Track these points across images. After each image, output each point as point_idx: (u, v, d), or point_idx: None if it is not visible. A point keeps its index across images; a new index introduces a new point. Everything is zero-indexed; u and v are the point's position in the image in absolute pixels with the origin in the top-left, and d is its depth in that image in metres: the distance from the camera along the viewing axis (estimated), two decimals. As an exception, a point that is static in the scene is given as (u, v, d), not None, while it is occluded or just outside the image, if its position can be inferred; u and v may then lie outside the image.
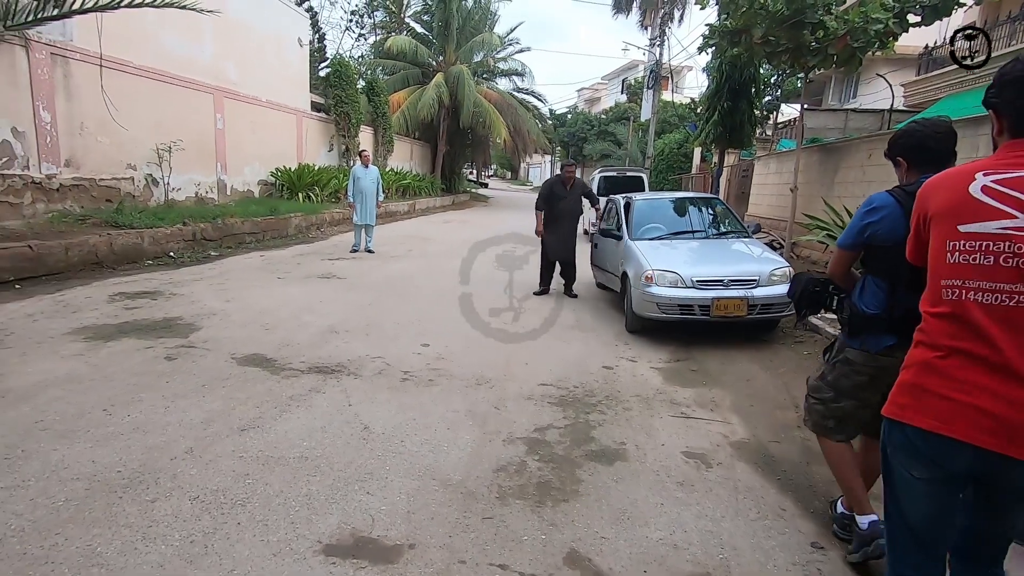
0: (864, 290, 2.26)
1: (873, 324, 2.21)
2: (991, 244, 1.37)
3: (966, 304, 1.39)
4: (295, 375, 4.05)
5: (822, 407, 2.45)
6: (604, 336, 5.67)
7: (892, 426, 1.55)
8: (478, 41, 24.91)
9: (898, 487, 1.58)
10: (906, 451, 1.52)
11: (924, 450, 1.47)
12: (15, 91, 7.66)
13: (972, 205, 1.41)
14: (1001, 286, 1.35)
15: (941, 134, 2.12)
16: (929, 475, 1.49)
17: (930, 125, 2.17)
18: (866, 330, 2.24)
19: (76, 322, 4.95)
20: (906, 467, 1.53)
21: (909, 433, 1.49)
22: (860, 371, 2.30)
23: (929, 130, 2.14)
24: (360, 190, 9.95)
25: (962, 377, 1.38)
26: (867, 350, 2.26)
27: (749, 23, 8.36)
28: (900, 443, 1.53)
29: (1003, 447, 1.33)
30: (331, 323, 5.46)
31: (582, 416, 3.67)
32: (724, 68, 10.83)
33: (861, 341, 2.27)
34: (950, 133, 2.13)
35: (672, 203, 7.11)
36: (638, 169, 15.24)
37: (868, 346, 2.25)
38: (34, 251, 6.26)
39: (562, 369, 4.58)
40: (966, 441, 1.37)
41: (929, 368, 1.45)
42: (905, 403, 1.50)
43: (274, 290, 6.73)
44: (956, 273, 1.42)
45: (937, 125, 2.16)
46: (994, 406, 1.34)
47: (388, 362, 4.46)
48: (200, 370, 4.03)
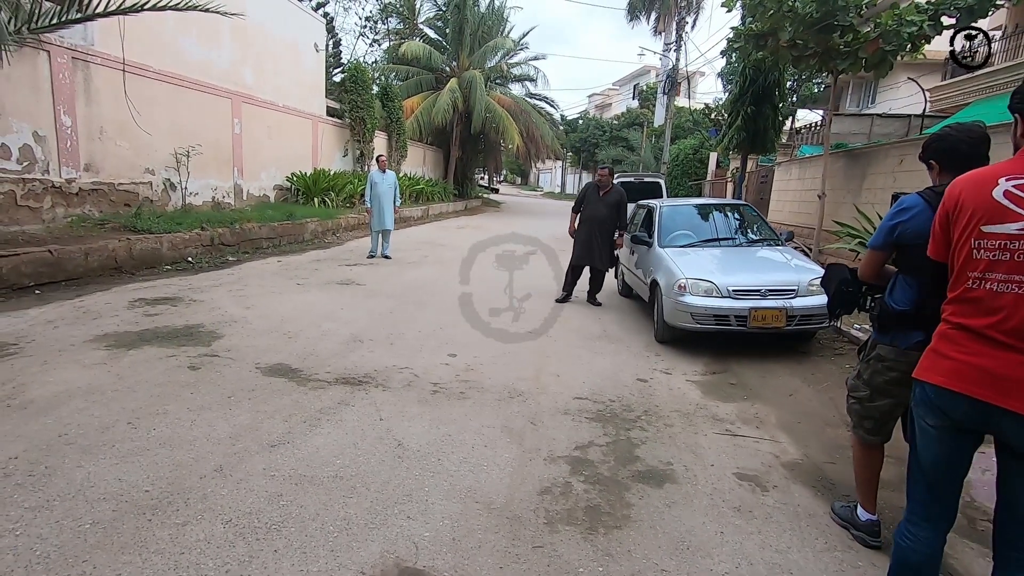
0: (895, 288, 2.33)
1: (902, 320, 2.27)
2: (1009, 242, 1.60)
3: (986, 292, 1.64)
4: (322, 387, 3.92)
5: (859, 406, 2.51)
6: (634, 346, 5.50)
7: (915, 384, 1.84)
8: (491, 46, 24.88)
9: (917, 435, 1.88)
10: (924, 404, 1.81)
11: (936, 402, 1.76)
12: (36, 95, 7.65)
13: (995, 208, 1.62)
14: (1015, 277, 1.60)
15: (974, 139, 2.17)
16: (940, 423, 1.78)
17: (963, 130, 2.22)
18: (895, 327, 2.31)
19: (97, 329, 4.86)
20: (923, 417, 1.83)
21: (926, 389, 1.78)
22: (891, 367, 2.35)
23: (962, 135, 2.19)
24: (377, 195, 9.85)
25: (966, 344, 1.67)
26: (896, 346, 2.32)
27: (776, 26, 8.19)
28: (920, 398, 1.83)
29: (992, 397, 1.61)
30: (353, 332, 5.33)
31: (623, 433, 3.50)
32: (748, 72, 10.65)
33: (891, 337, 2.34)
34: (983, 138, 2.18)
35: (701, 209, 6.92)
36: (655, 175, 15.06)
37: (898, 342, 2.31)
38: (54, 256, 6.19)
39: (595, 381, 4.41)
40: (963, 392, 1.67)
41: (943, 336, 1.75)
42: (925, 365, 1.80)
43: (294, 297, 6.62)
44: (981, 267, 1.65)
45: (970, 130, 2.20)
46: (987, 364, 1.62)
47: (416, 373, 4.32)
48: (225, 380, 3.90)
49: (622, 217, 7.25)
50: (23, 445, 2.85)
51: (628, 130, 34.53)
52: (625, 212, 7.27)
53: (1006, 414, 1.60)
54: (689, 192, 22.03)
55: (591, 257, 7.29)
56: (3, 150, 7.22)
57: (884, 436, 2.49)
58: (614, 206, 7.20)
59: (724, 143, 11.59)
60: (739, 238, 6.36)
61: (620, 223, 7.24)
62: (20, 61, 7.32)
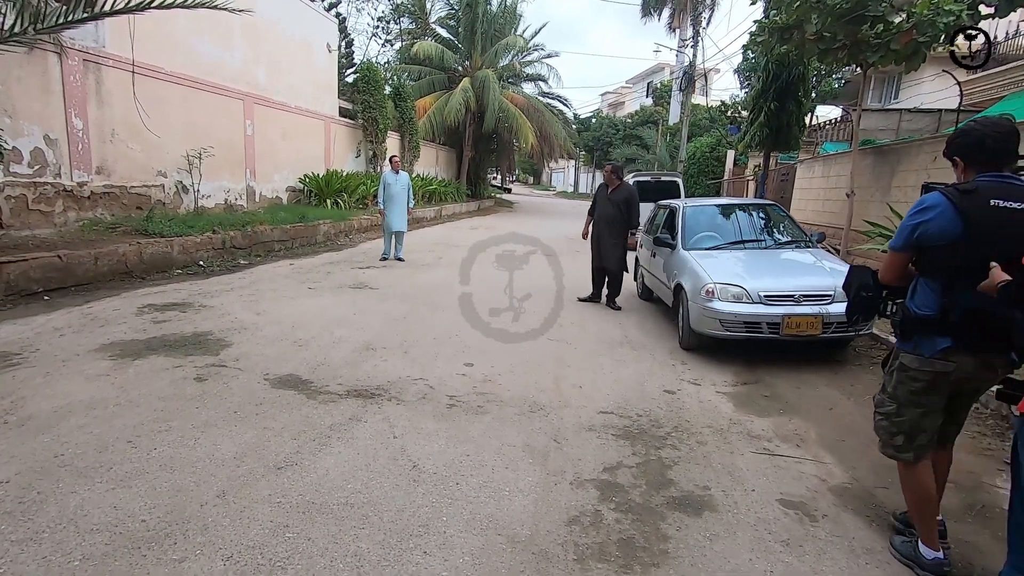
0: (916, 292, 2.19)
1: (925, 326, 2.12)
2: None
3: None
4: (333, 400, 3.72)
5: (887, 422, 2.35)
6: (658, 354, 5.24)
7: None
8: (504, 45, 24.65)
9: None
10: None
11: None
12: (48, 98, 7.58)
13: None
14: None
15: (1001, 133, 2.04)
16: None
17: (990, 124, 2.08)
18: (918, 333, 2.15)
19: (103, 337, 4.71)
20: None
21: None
22: (915, 377, 2.19)
23: (988, 129, 2.06)
24: (391, 196, 9.66)
25: None
26: (920, 354, 2.16)
27: (802, 18, 7.87)
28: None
29: None
30: (366, 339, 5.14)
31: (653, 452, 3.25)
32: (771, 67, 10.30)
33: (914, 344, 2.18)
34: (1011, 132, 2.05)
35: (726, 209, 6.63)
36: (673, 174, 14.73)
37: (922, 349, 2.15)
38: (63, 261, 6.09)
39: (619, 393, 4.17)
40: None
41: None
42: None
43: (305, 301, 6.46)
44: None
45: (997, 124, 2.07)
46: None
47: (431, 385, 4.11)
48: (231, 393, 3.72)
49: (632, 216, 6.95)
50: (16, 467, 2.68)
51: (642, 128, 34.08)
52: (636, 210, 6.96)
53: None
54: (706, 191, 21.63)
55: (600, 258, 7.10)
56: (14, 154, 7.14)
57: (918, 452, 2.27)
58: (622, 204, 6.94)
59: (746, 140, 11.25)
60: (767, 240, 6.07)
61: (631, 222, 6.95)
62: (31, 63, 7.25)
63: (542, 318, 6.27)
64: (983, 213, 1.97)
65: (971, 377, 2.16)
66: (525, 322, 6.07)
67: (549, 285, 8.06)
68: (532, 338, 5.49)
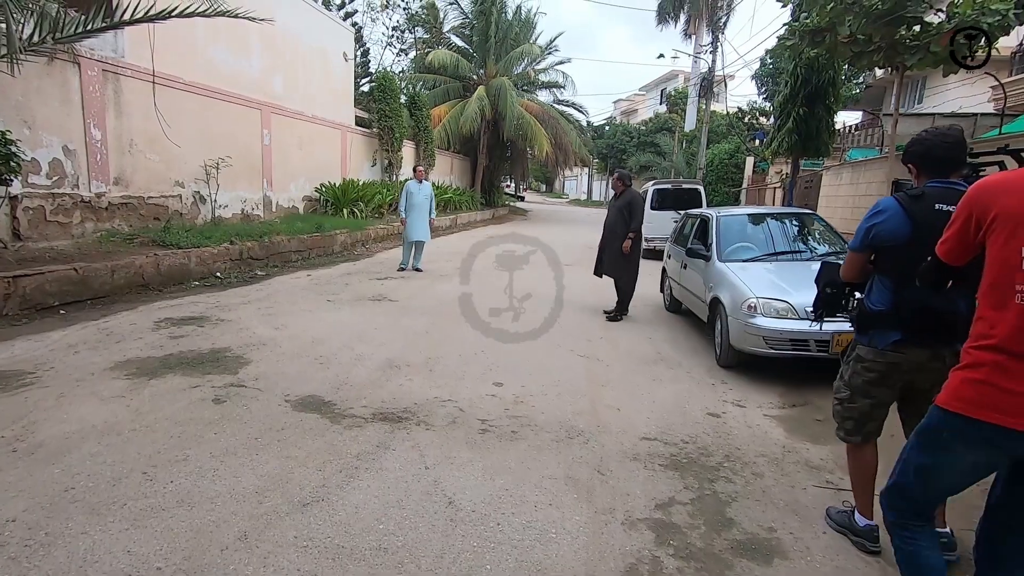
0: (872, 289, 2.34)
1: (879, 321, 2.26)
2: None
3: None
4: (358, 424, 3.50)
5: (840, 407, 2.51)
6: (695, 372, 4.97)
7: (956, 418, 1.60)
8: (519, 53, 24.57)
9: (939, 467, 1.71)
10: (971, 441, 1.61)
11: (995, 441, 1.56)
12: (67, 108, 7.51)
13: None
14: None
15: (949, 143, 2.16)
16: (985, 460, 1.64)
17: (939, 134, 2.19)
18: (873, 327, 2.29)
19: (119, 354, 4.55)
20: (963, 454, 1.65)
21: (979, 428, 1.56)
22: (870, 368, 2.34)
23: (938, 139, 2.18)
24: (413, 206, 9.49)
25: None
26: (874, 346, 2.31)
27: (835, 20, 7.61)
28: (966, 434, 1.60)
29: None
30: (389, 356, 4.92)
31: (707, 485, 2.99)
32: (799, 71, 10.00)
33: (869, 337, 2.33)
34: (957, 142, 2.17)
35: (762, 219, 6.35)
36: (694, 181, 14.45)
37: (875, 342, 2.30)
38: (79, 274, 5.96)
39: (661, 416, 3.91)
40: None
41: (1001, 368, 1.52)
42: (977, 400, 1.56)
43: (324, 315, 6.27)
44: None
45: (946, 135, 2.19)
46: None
47: (460, 407, 3.87)
48: (251, 417, 3.52)
49: (634, 218, 6.64)
50: (24, 503, 2.49)
51: (659, 135, 33.81)
52: (637, 213, 6.65)
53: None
54: (724, 199, 21.27)
55: (601, 266, 6.96)
56: (33, 164, 7.07)
57: (864, 437, 2.46)
58: (623, 208, 6.72)
59: (773, 147, 10.94)
60: (806, 250, 5.78)
61: (632, 225, 6.65)
62: (50, 74, 7.19)
63: (568, 332, 6.03)
64: (929, 216, 2.10)
65: (921, 368, 2.28)
66: (552, 335, 5.83)
67: (570, 296, 7.82)
68: (562, 357, 5.24)
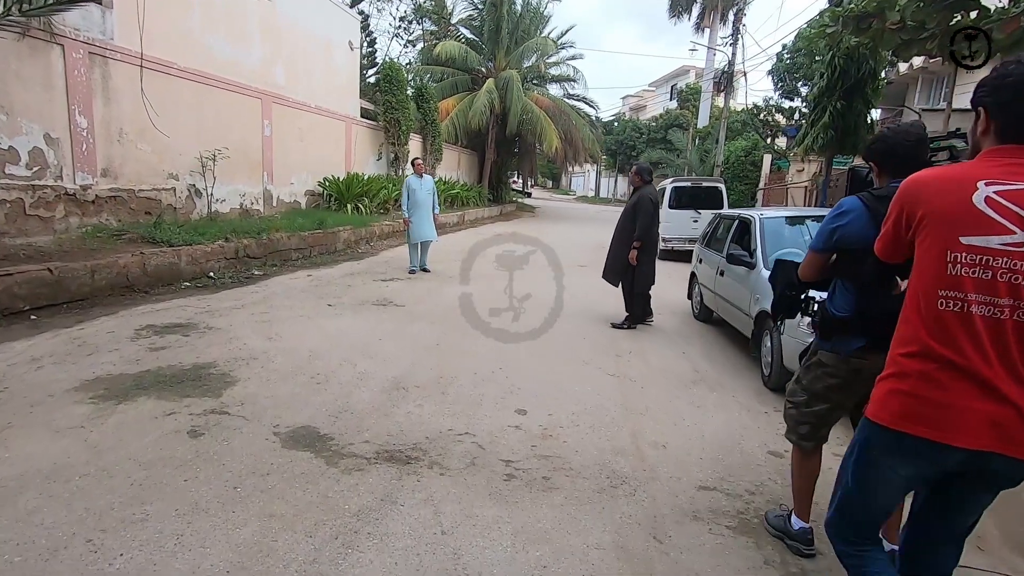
0: (834, 293, 2.24)
1: (843, 327, 2.18)
2: (991, 259, 1.36)
3: (966, 316, 1.38)
4: (359, 467, 2.92)
5: (796, 411, 2.44)
6: (741, 396, 4.38)
7: (885, 432, 1.51)
8: (530, 45, 23.89)
9: (873, 483, 1.61)
10: (900, 455, 1.52)
11: (925, 455, 1.47)
12: (49, 94, 6.93)
13: (974, 216, 1.38)
14: (997, 300, 1.36)
15: (911, 142, 2.10)
16: (916, 474, 1.55)
17: (900, 132, 2.14)
18: (836, 333, 2.21)
19: (88, 370, 3.98)
20: (893, 468, 1.56)
21: (909, 441, 1.47)
22: (832, 374, 2.27)
23: (899, 137, 2.12)
24: (416, 203, 8.80)
25: (959, 388, 1.39)
26: (838, 352, 2.22)
27: (884, 4, 6.96)
28: (895, 448, 1.51)
29: (1003, 448, 1.37)
30: (395, 374, 4.34)
31: (792, 561, 2.40)
32: (837, 62, 9.32)
33: (832, 344, 2.24)
34: (920, 141, 2.10)
35: (808, 222, 5.73)
36: (714, 179, 13.81)
37: (839, 348, 2.22)
38: (54, 275, 5.40)
39: (715, 456, 3.32)
40: (969, 448, 1.39)
41: (927, 379, 1.43)
42: (905, 412, 1.46)
43: (324, 322, 5.70)
44: (958, 285, 1.39)
45: (907, 133, 2.13)
46: (991, 412, 1.36)
47: (480, 443, 3.29)
48: (232, 456, 2.94)
49: (638, 221, 5.97)
50: (-75, 589, 1.93)
51: (672, 131, 33.11)
52: (641, 217, 5.93)
53: (1006, 459, 1.39)
54: (741, 197, 20.57)
55: (605, 271, 6.41)
56: (10, 154, 6.50)
57: (818, 441, 2.42)
58: (629, 211, 6.10)
59: (806, 143, 10.28)
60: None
61: (636, 231, 5.98)
62: (32, 56, 6.61)
63: (593, 344, 5.44)
64: None
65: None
66: (575, 348, 5.24)
67: (589, 302, 7.22)
68: (590, 376, 4.66)
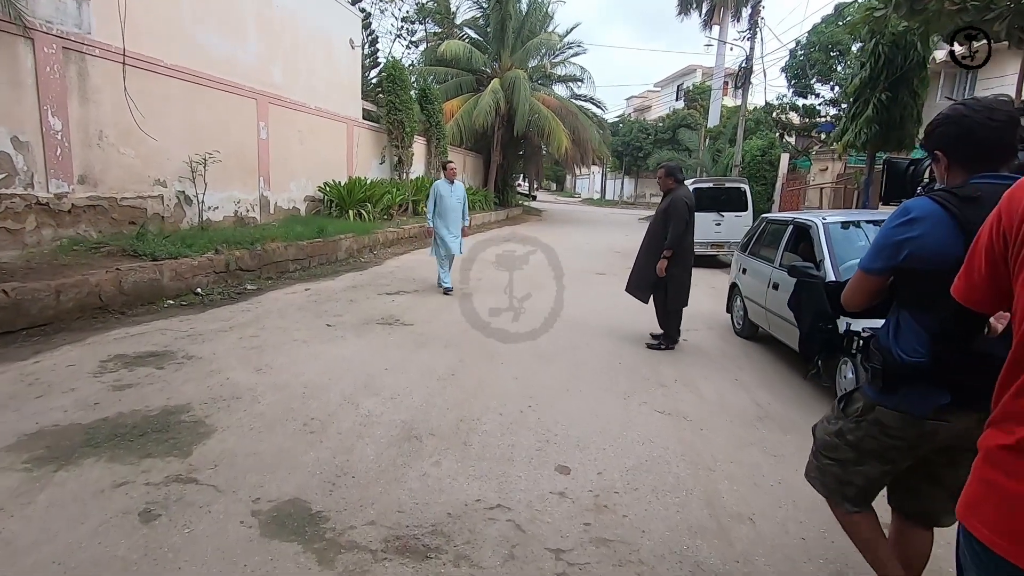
0: (899, 330, 1.61)
1: (916, 376, 1.57)
2: None
3: None
4: (362, 567, 2.18)
5: (839, 469, 1.84)
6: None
7: (988, 554, 0.98)
8: (535, 44, 23.20)
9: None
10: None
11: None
12: (17, 92, 6.25)
13: None
14: None
15: (997, 123, 1.45)
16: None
17: (982, 109, 1.48)
18: (906, 384, 1.59)
19: (31, 420, 3.26)
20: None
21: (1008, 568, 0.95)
22: (895, 435, 1.66)
23: (980, 115, 1.48)
24: (443, 211, 7.74)
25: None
26: (907, 411, 1.61)
27: (946, -18, 6.23)
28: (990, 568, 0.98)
29: None
30: (405, 417, 3.61)
31: None
32: (881, 50, 8.57)
33: (899, 399, 1.62)
34: (1011, 122, 1.46)
35: (873, 227, 4.98)
36: (737, 179, 13.06)
37: (911, 407, 1.60)
38: (10, 297, 4.68)
39: (818, 533, 2.57)
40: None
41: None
42: (1003, 525, 0.95)
43: (322, 348, 4.97)
44: None
45: (992, 110, 1.48)
46: None
47: (517, 521, 2.55)
48: (194, 550, 2.21)
49: (669, 229, 5.27)
50: None
51: (679, 131, 32.37)
52: (676, 222, 5.23)
53: None
54: (757, 199, 19.72)
55: (629, 284, 5.74)
56: (-28, 160, 5.83)
57: (867, 507, 1.85)
58: (660, 215, 5.43)
59: (847, 138, 9.49)
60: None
61: (667, 238, 5.29)
62: (-4, 50, 5.95)
63: (632, 373, 4.70)
64: None
65: (964, 436, 1.56)
66: (612, 377, 4.50)
67: (615, 317, 6.48)
68: (637, 415, 3.91)
